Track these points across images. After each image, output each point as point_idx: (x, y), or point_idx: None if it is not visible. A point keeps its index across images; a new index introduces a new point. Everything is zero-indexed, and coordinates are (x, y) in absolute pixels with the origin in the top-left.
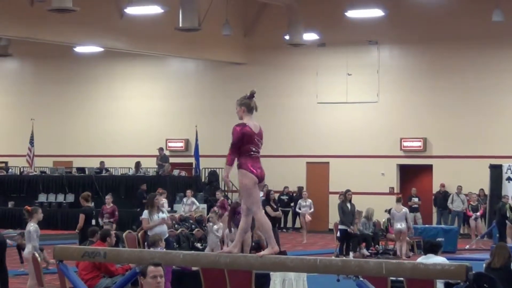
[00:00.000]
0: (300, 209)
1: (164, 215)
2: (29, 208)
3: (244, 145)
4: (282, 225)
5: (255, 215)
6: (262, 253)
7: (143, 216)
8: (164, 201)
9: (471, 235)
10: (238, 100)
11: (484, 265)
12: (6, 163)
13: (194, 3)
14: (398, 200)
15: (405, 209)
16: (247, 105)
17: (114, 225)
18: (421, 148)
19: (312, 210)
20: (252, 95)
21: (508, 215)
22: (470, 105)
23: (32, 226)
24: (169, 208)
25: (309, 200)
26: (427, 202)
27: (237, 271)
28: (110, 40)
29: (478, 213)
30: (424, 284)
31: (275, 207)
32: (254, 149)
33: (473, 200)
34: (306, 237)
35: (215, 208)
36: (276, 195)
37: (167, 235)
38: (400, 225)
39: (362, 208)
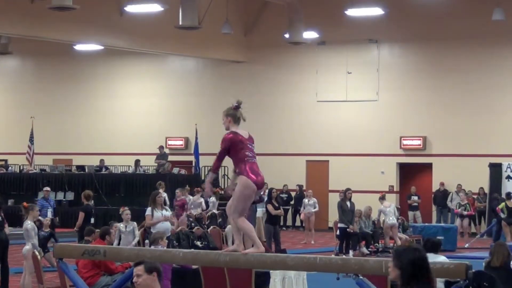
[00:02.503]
0: (304, 208)
1: (168, 213)
2: (26, 204)
3: (239, 152)
4: (282, 223)
5: (235, 221)
6: (247, 250)
7: (146, 213)
8: (164, 195)
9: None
10: (225, 111)
11: (483, 264)
12: (6, 161)
13: (194, 1)
14: (382, 198)
15: (392, 204)
16: (233, 116)
17: None
18: (421, 146)
19: (316, 209)
20: (237, 106)
21: (502, 214)
22: (470, 104)
23: (29, 224)
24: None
25: (314, 199)
26: (427, 200)
27: (237, 270)
28: (110, 38)
29: (465, 212)
30: None
31: (276, 205)
32: (249, 154)
33: (462, 199)
34: (310, 237)
35: (126, 209)
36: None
37: (169, 233)
38: (391, 220)
39: (362, 207)
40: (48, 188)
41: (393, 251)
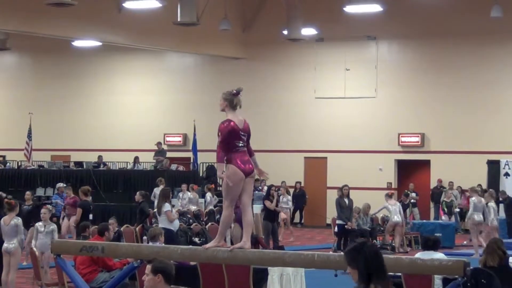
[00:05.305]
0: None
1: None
2: (13, 202)
3: (231, 141)
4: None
5: (224, 209)
6: (208, 245)
7: (166, 209)
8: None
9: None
10: (224, 94)
11: (479, 263)
12: (4, 157)
13: None
14: (390, 196)
15: (398, 203)
16: (230, 101)
17: None
18: (419, 143)
19: (289, 206)
20: (238, 93)
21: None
22: (468, 101)
23: (19, 219)
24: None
25: (288, 197)
26: (425, 197)
27: (235, 266)
28: (108, 34)
29: (457, 209)
30: (422, 279)
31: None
32: (240, 144)
33: (447, 197)
34: (283, 234)
35: (49, 206)
36: None
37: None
38: (397, 218)
39: (360, 203)
40: (62, 184)
41: (344, 254)
